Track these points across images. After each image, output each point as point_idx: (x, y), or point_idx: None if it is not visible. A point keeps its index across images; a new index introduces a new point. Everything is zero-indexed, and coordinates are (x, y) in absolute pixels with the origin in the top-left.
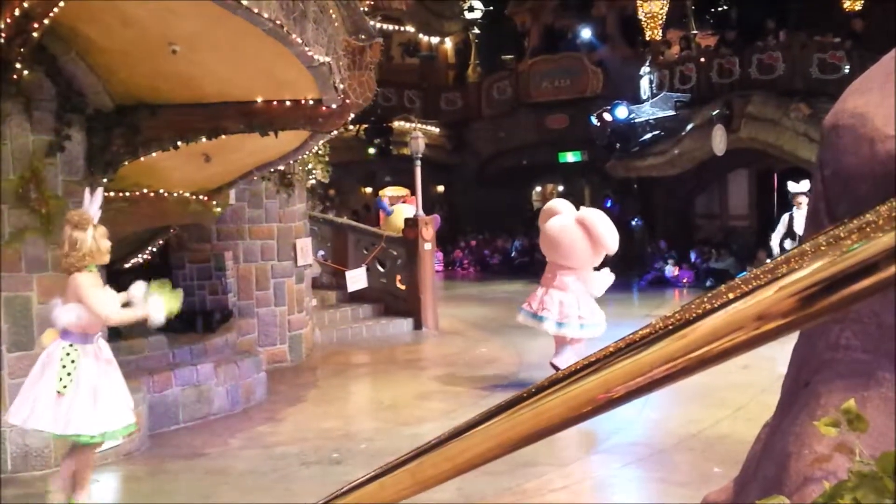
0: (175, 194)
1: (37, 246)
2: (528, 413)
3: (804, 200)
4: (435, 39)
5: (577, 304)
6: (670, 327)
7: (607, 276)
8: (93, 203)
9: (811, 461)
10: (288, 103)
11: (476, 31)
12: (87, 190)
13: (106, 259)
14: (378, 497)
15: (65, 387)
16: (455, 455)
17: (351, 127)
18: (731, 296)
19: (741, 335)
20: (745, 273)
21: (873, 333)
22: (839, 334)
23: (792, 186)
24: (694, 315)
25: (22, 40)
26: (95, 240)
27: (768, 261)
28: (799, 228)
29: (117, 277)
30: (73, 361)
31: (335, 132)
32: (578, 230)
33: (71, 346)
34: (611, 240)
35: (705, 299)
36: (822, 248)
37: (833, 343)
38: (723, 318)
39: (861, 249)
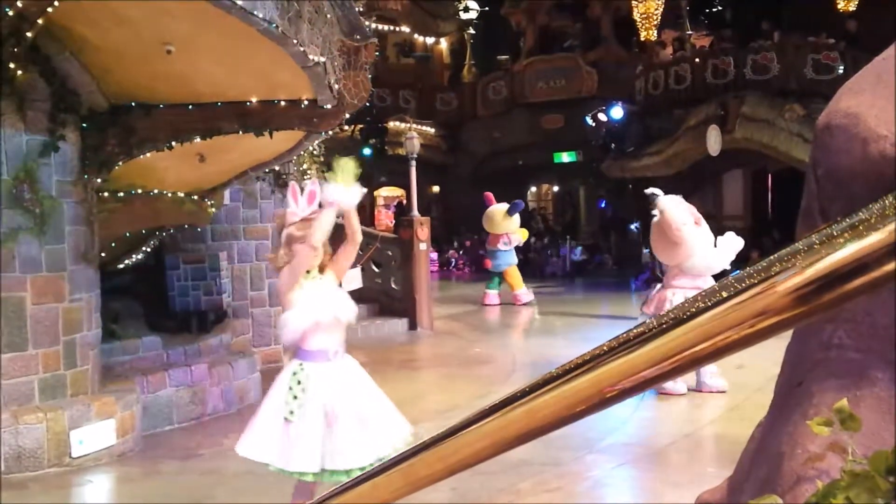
0: (169, 194)
1: (31, 246)
2: (522, 412)
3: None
4: (430, 40)
5: (671, 301)
6: (664, 326)
7: (717, 252)
8: (298, 200)
9: (804, 460)
10: (283, 103)
11: (471, 31)
12: (293, 184)
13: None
14: (371, 497)
15: (291, 412)
16: (448, 455)
17: (346, 127)
18: (724, 294)
19: (734, 334)
20: (738, 272)
21: (866, 333)
22: (832, 333)
23: (652, 190)
24: (687, 314)
25: (16, 40)
26: (292, 240)
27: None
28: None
29: (110, 278)
30: (299, 383)
31: (330, 132)
32: (658, 227)
33: (300, 365)
34: (678, 229)
35: (699, 298)
36: (815, 246)
37: (826, 342)
38: (716, 316)
39: (854, 248)
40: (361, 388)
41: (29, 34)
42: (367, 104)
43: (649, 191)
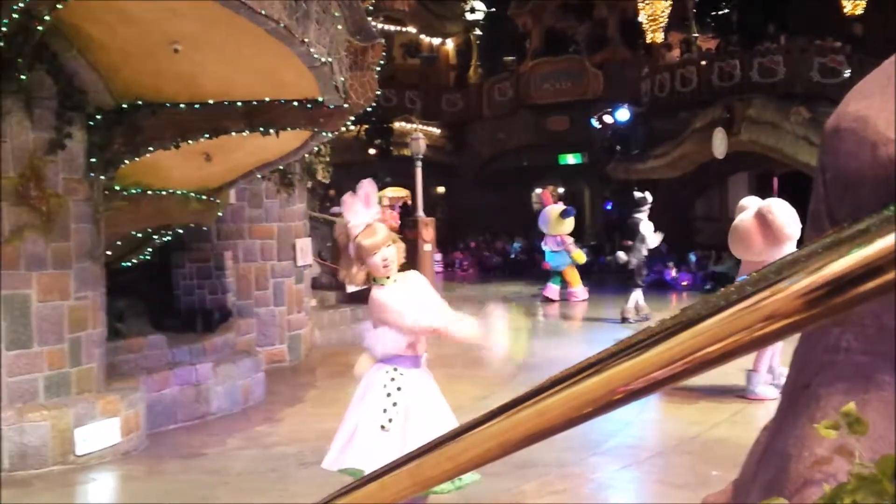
0: (175, 193)
1: (36, 244)
2: (529, 413)
3: (646, 209)
4: (436, 40)
5: None
6: (671, 329)
7: None
8: (366, 203)
9: (811, 463)
10: (289, 103)
11: (477, 32)
12: (369, 181)
13: (386, 272)
14: (378, 497)
15: (390, 420)
16: (456, 455)
17: (352, 127)
18: (733, 297)
19: (744, 337)
20: (745, 276)
21: (873, 336)
22: (839, 337)
23: (639, 195)
24: (695, 317)
25: (24, 38)
26: (361, 252)
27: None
28: (646, 232)
29: (116, 276)
30: (399, 389)
31: (336, 132)
32: (755, 222)
33: (395, 370)
34: (788, 228)
35: (706, 301)
36: (823, 251)
37: (833, 345)
38: (725, 319)
39: (865, 252)
40: (438, 393)
41: (37, 32)
42: (373, 104)
43: (638, 194)
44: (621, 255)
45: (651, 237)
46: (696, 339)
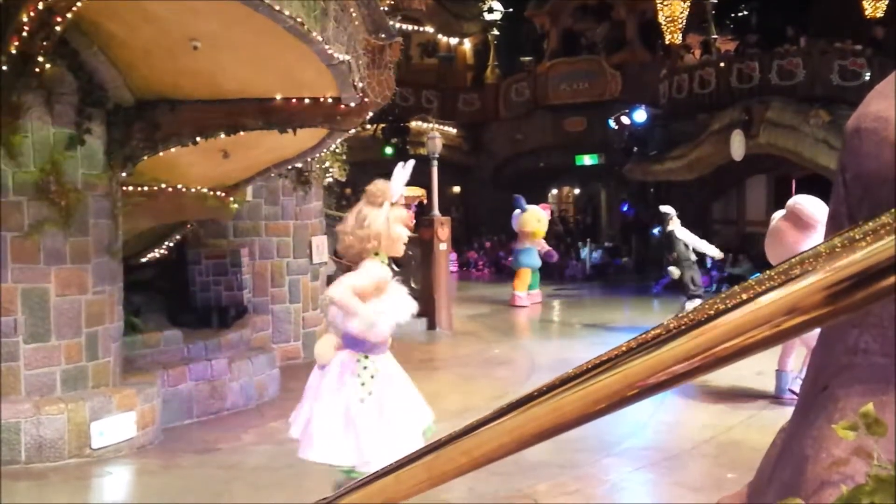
0: (193, 190)
1: (55, 238)
2: (545, 408)
3: (674, 218)
4: (454, 40)
5: None
6: (685, 326)
7: None
8: (398, 180)
9: (829, 465)
10: (307, 101)
11: (495, 32)
12: (400, 165)
13: (397, 251)
14: (393, 490)
15: (362, 400)
16: (471, 449)
17: (368, 126)
18: (745, 296)
19: (759, 333)
20: (758, 274)
21: (892, 337)
22: (858, 338)
23: (664, 208)
24: (708, 315)
25: (45, 34)
26: (388, 222)
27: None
28: (686, 238)
29: (133, 272)
30: (372, 377)
31: (353, 131)
32: (785, 222)
33: (367, 357)
34: (817, 214)
35: (718, 300)
36: (837, 249)
37: (852, 347)
38: (739, 316)
39: (879, 249)
40: (406, 379)
41: (58, 28)
42: (390, 103)
43: (664, 209)
44: (673, 269)
45: (696, 242)
46: (710, 335)
